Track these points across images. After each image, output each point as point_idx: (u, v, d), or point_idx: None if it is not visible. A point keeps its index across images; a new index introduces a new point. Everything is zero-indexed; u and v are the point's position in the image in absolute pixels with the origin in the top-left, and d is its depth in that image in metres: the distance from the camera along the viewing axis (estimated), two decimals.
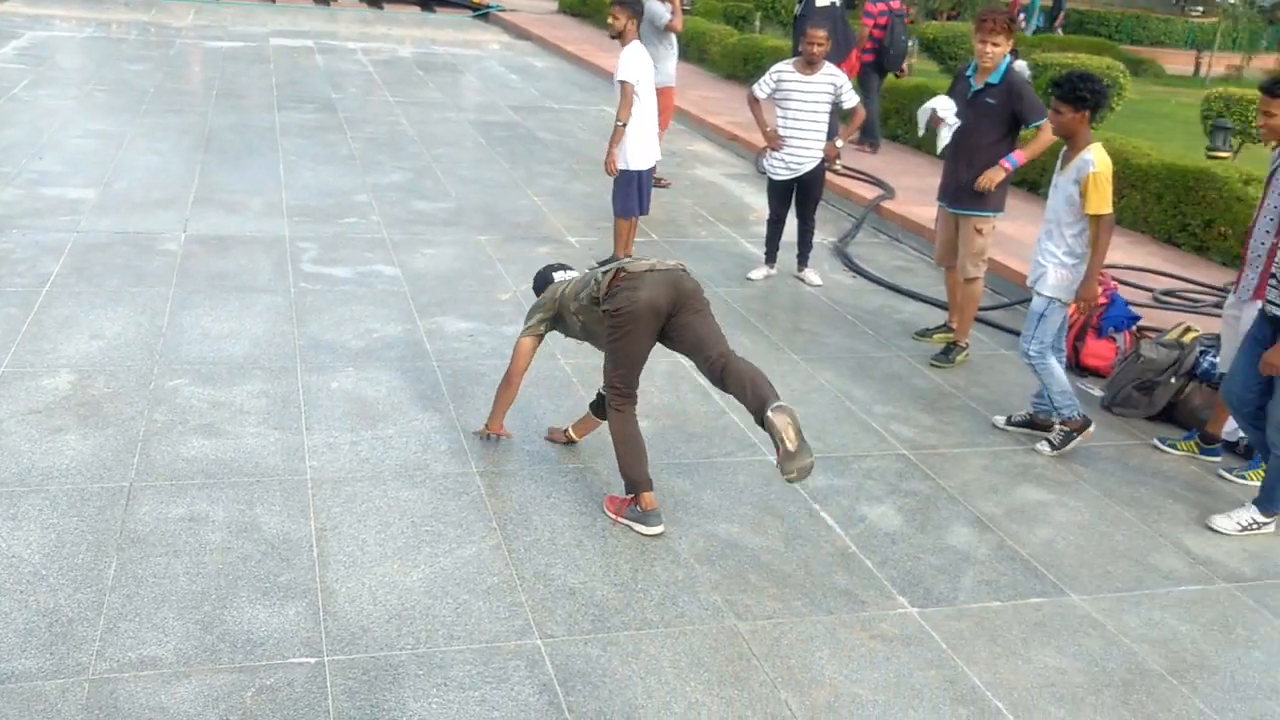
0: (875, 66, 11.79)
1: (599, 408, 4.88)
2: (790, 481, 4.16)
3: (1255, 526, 4.95)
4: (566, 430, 5.14)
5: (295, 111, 12.42)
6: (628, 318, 4.35)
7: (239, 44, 17.52)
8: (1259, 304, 5.06)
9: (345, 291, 6.90)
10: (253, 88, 13.69)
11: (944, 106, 6.39)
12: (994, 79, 6.28)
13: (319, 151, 10.62)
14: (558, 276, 4.98)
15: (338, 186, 9.40)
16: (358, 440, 5.04)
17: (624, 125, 7.28)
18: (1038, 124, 6.27)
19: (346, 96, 13.70)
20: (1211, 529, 4.94)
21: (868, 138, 11.92)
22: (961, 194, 6.46)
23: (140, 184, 8.91)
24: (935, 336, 6.95)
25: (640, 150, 7.48)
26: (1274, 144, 5.33)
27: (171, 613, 3.73)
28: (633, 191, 7.55)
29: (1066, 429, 5.56)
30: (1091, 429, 5.59)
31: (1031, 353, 5.54)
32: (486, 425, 5.09)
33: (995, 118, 6.32)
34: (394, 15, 24.00)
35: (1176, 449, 5.72)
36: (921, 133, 6.70)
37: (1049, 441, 5.58)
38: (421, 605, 3.90)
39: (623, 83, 7.25)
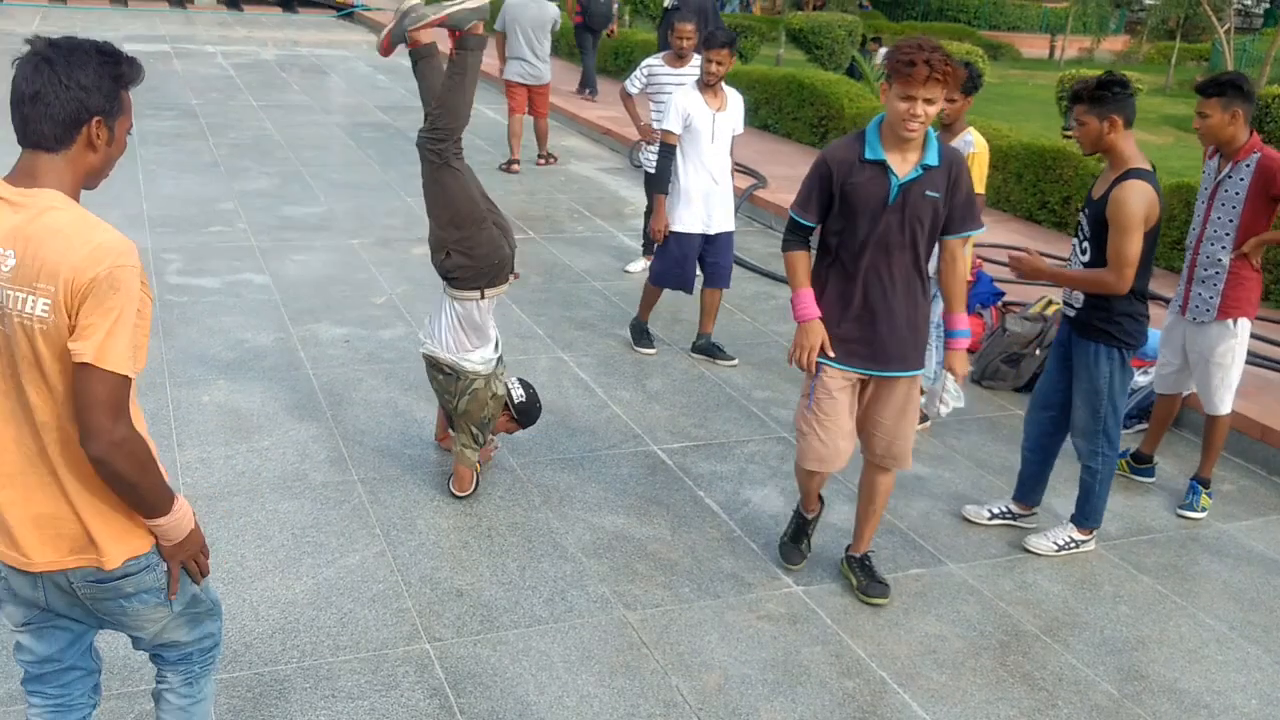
0: (585, 27, 14.54)
1: None
2: None
3: (1073, 545, 4.62)
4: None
5: (154, 119, 12.03)
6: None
7: None
8: (1226, 322, 4.82)
9: (214, 302, 6.71)
10: None
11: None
12: (932, 158, 3.75)
13: (181, 159, 10.31)
14: None
15: (202, 195, 9.14)
16: (232, 454, 4.91)
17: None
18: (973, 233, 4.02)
19: (208, 102, 13.33)
20: (1028, 550, 4.62)
21: (587, 87, 14.68)
22: (892, 348, 3.90)
23: None
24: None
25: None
26: (1210, 150, 4.84)
27: None
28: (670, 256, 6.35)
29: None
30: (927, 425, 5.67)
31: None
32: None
33: (933, 214, 3.80)
34: (254, 17, 23.43)
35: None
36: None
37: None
38: (305, 617, 3.83)
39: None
